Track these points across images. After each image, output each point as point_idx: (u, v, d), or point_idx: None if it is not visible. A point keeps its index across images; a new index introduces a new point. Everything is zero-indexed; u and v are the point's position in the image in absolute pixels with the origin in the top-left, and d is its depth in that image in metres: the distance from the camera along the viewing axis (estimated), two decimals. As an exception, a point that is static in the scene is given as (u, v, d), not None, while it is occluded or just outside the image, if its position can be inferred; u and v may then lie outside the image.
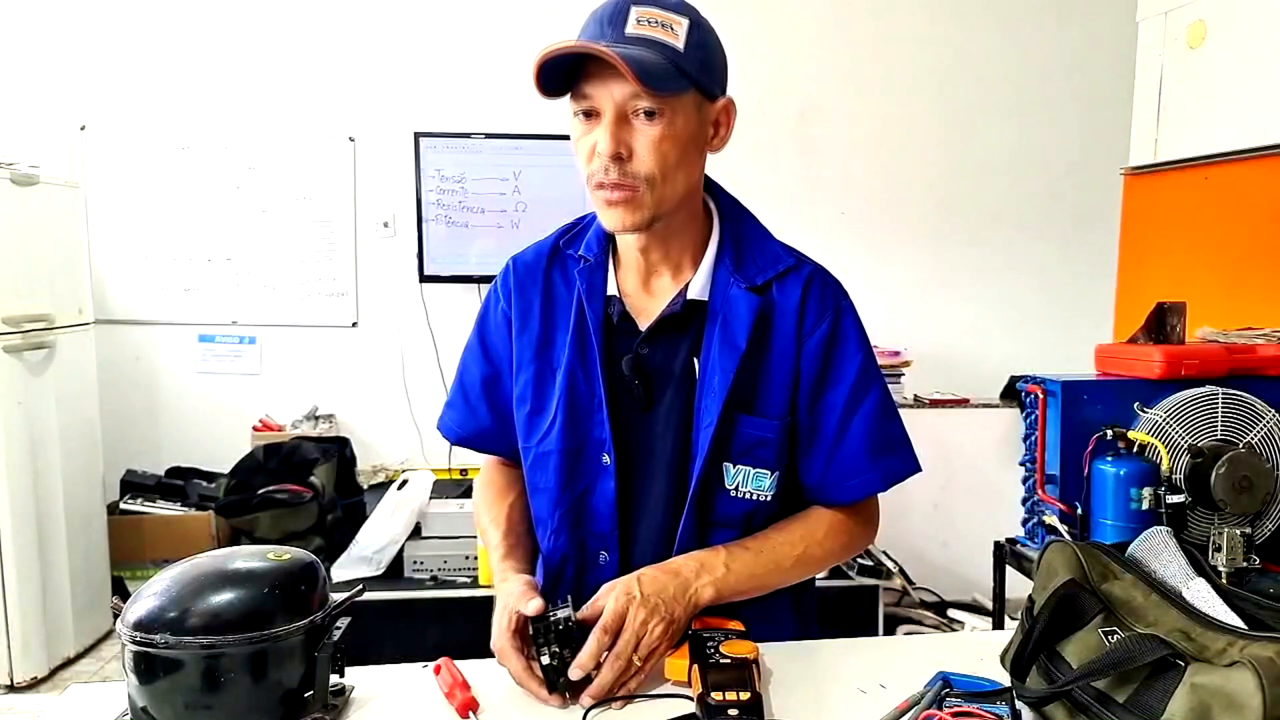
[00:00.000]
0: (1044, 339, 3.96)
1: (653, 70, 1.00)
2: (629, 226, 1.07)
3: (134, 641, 0.86)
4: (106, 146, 3.70)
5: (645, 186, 1.04)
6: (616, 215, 1.06)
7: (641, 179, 1.04)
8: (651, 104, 1.02)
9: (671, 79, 1.01)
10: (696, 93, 1.06)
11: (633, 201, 1.05)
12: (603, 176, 1.04)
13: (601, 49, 0.98)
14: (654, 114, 1.02)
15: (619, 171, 1.03)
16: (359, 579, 2.65)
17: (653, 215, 1.07)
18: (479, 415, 1.25)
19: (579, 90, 1.04)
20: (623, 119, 1.03)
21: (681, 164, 1.06)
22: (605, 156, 1.03)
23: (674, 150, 1.04)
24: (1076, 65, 3.95)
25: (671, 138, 1.04)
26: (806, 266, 1.17)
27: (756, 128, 3.83)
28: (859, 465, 1.14)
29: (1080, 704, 0.82)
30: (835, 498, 1.16)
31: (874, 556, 3.02)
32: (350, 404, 3.88)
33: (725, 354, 1.09)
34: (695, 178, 1.11)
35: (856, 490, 1.15)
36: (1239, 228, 2.39)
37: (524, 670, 0.99)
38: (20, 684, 2.89)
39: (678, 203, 1.09)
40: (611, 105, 1.02)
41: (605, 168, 1.04)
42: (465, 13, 3.76)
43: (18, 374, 2.89)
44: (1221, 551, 1.53)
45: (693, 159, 1.08)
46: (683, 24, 1.03)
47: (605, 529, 1.14)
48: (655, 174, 1.04)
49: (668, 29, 1.02)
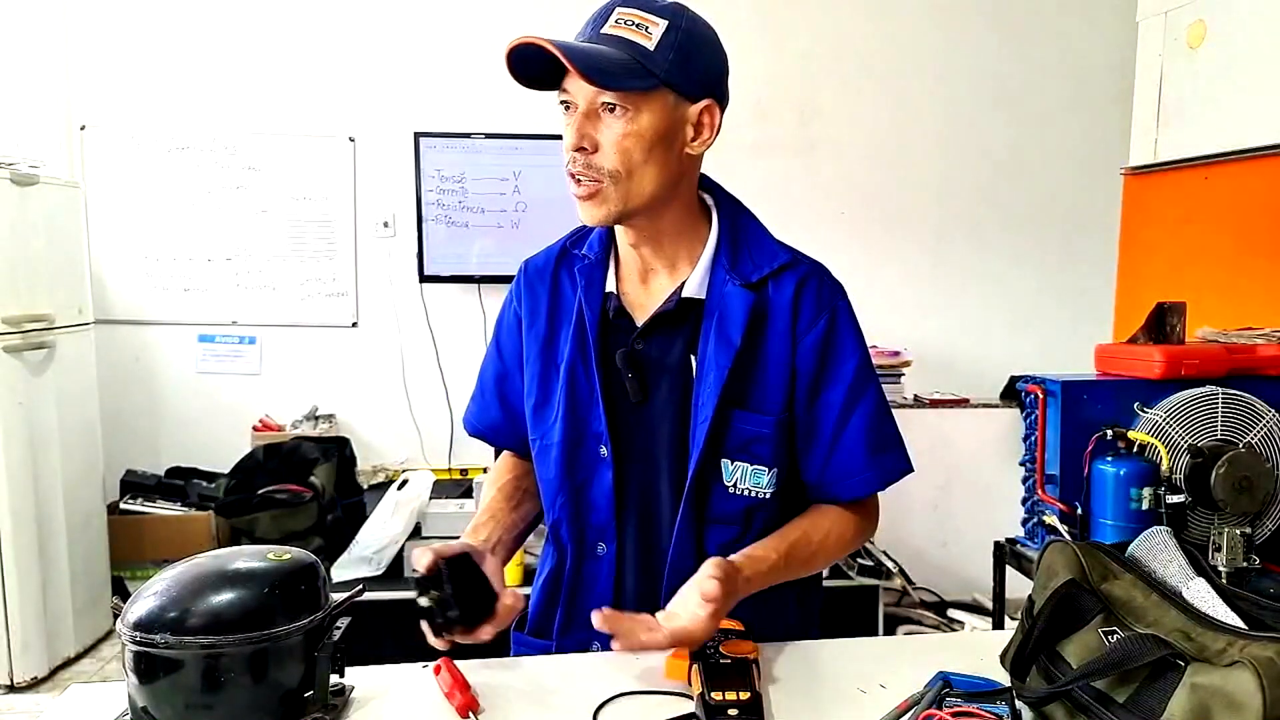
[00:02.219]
0: (1044, 339, 3.96)
1: (607, 67, 1.02)
2: (597, 220, 1.11)
3: (134, 641, 0.86)
4: (106, 146, 3.70)
5: (609, 181, 1.07)
6: (585, 209, 1.10)
7: (605, 173, 1.07)
8: (613, 99, 1.04)
9: (630, 76, 1.03)
10: (670, 92, 1.07)
11: (598, 195, 1.08)
12: (570, 167, 1.08)
13: (544, 41, 1.01)
14: (616, 109, 1.05)
15: (583, 163, 1.07)
16: (359, 579, 2.65)
17: (620, 210, 1.09)
18: (491, 410, 1.30)
19: (561, 84, 1.08)
20: (591, 113, 1.06)
21: (650, 161, 1.07)
22: (568, 149, 1.07)
23: (638, 147, 1.06)
24: (1076, 65, 3.95)
25: (635, 134, 1.05)
26: (803, 264, 1.18)
27: (756, 128, 3.84)
28: (858, 463, 1.15)
29: (1080, 704, 0.82)
30: (836, 495, 1.18)
31: (874, 556, 3.02)
32: (350, 404, 3.88)
33: (721, 350, 1.11)
34: (671, 177, 1.11)
35: (856, 488, 1.17)
36: (1239, 228, 2.39)
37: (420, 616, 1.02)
38: (20, 684, 2.89)
39: (651, 200, 1.10)
40: (583, 100, 1.06)
41: (572, 158, 1.08)
42: (465, 13, 3.76)
43: (18, 374, 2.89)
44: (1221, 551, 1.53)
45: (665, 158, 1.08)
46: (660, 25, 1.05)
47: (603, 520, 1.15)
48: (619, 169, 1.06)
49: (641, 29, 1.05)
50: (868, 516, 1.22)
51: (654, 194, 1.09)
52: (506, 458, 1.34)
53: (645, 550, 1.14)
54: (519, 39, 1.03)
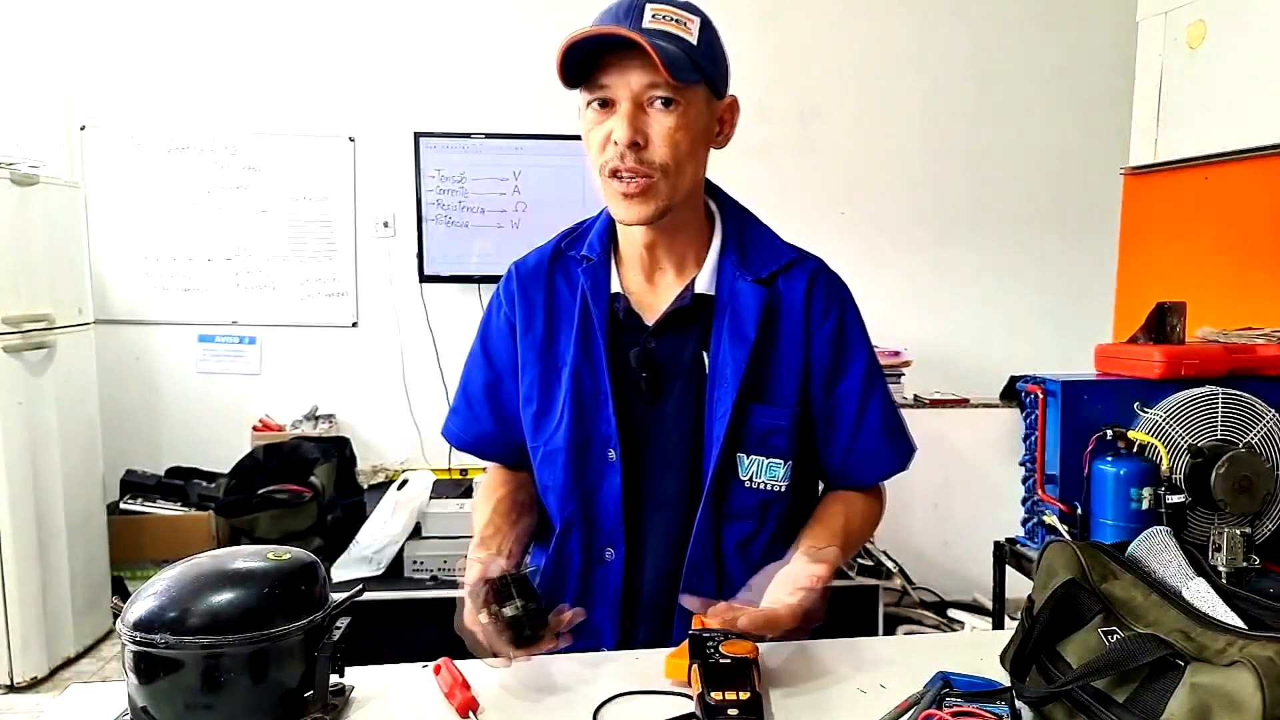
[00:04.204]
0: (1044, 339, 3.96)
1: (676, 60, 1.02)
2: (644, 217, 1.09)
3: (134, 641, 0.86)
4: (106, 146, 3.70)
5: (660, 175, 1.07)
6: (632, 206, 1.08)
7: (657, 167, 1.06)
8: (669, 93, 1.04)
9: (689, 70, 1.04)
10: (707, 88, 1.09)
11: (649, 191, 1.07)
12: (618, 163, 1.06)
13: (634, 34, 1.01)
14: (670, 103, 1.05)
15: (635, 159, 1.05)
16: (359, 579, 2.65)
17: (666, 205, 1.09)
18: (481, 420, 1.27)
19: (595, 80, 1.06)
20: (639, 108, 1.05)
21: (692, 156, 1.09)
22: (623, 144, 1.05)
23: (687, 140, 1.07)
24: (1076, 65, 3.94)
25: (686, 128, 1.06)
26: (810, 261, 1.21)
27: (756, 128, 3.83)
28: (879, 448, 1.19)
29: (1080, 704, 0.82)
30: (859, 480, 1.21)
31: (874, 556, 3.02)
32: (350, 404, 3.88)
33: (736, 345, 1.12)
34: (702, 171, 1.14)
35: (878, 472, 1.21)
36: (1239, 228, 2.39)
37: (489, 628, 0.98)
38: (20, 684, 2.89)
39: (688, 196, 1.12)
40: (629, 94, 1.05)
41: (622, 154, 1.05)
42: (465, 13, 3.76)
43: (18, 374, 2.89)
44: (1221, 551, 1.53)
45: (701, 152, 1.12)
46: (695, 21, 1.07)
47: (611, 525, 1.15)
48: (670, 163, 1.06)
49: (682, 25, 1.05)
50: (882, 499, 1.26)
51: (690, 189, 1.11)
52: (497, 471, 1.30)
53: (658, 552, 1.14)
54: (586, 31, 1.02)
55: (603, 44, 1.03)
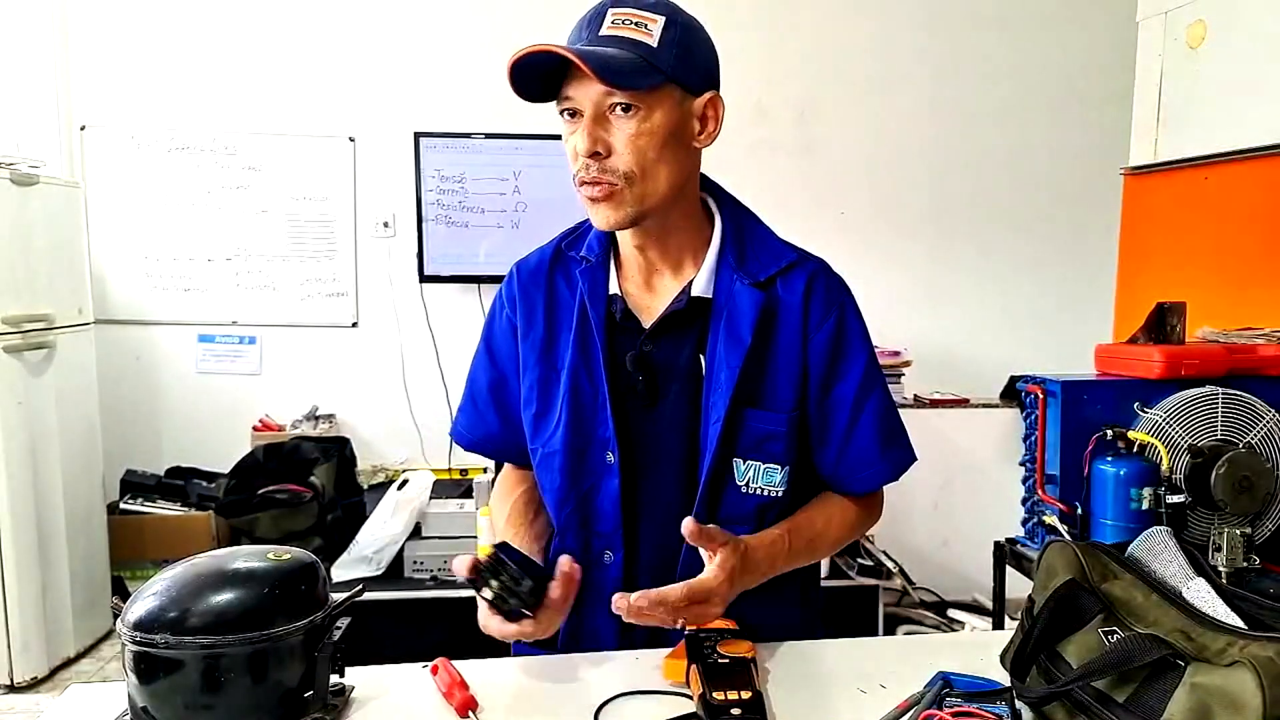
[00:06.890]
0: (1044, 339, 3.96)
1: (619, 67, 1.01)
2: (614, 223, 1.09)
3: (134, 641, 0.86)
4: (106, 146, 3.70)
5: (624, 183, 1.06)
6: (600, 212, 1.08)
7: (620, 175, 1.05)
8: (625, 99, 1.03)
9: (641, 74, 1.03)
10: (676, 88, 1.07)
11: (613, 198, 1.06)
12: (584, 174, 1.06)
13: (559, 48, 1.00)
14: (629, 109, 1.04)
15: (598, 168, 1.05)
16: (359, 579, 2.65)
17: (637, 211, 1.08)
18: (487, 420, 1.26)
19: (562, 92, 1.06)
20: (601, 117, 1.05)
21: (662, 159, 1.07)
22: (583, 154, 1.05)
23: (652, 145, 1.05)
24: (1076, 65, 3.94)
25: (648, 133, 1.05)
26: (810, 262, 1.18)
27: (756, 128, 3.84)
28: (871, 456, 1.17)
29: (1080, 704, 0.82)
30: (849, 488, 1.19)
31: (874, 556, 3.02)
32: (350, 404, 3.88)
33: (731, 349, 1.10)
34: (682, 174, 1.11)
35: (869, 481, 1.18)
36: (1239, 228, 2.38)
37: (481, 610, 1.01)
38: (20, 684, 2.89)
39: (665, 199, 1.09)
40: (590, 103, 1.04)
41: (585, 165, 1.06)
42: (465, 13, 3.76)
43: (18, 374, 2.89)
44: (1221, 551, 1.53)
45: (676, 154, 1.08)
46: (658, 21, 1.05)
47: (609, 528, 1.14)
48: (634, 170, 1.05)
49: (641, 27, 1.04)
50: (873, 507, 1.23)
51: (667, 193, 1.09)
52: (511, 472, 1.31)
53: (655, 556, 1.13)
54: (526, 49, 1.01)
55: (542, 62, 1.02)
